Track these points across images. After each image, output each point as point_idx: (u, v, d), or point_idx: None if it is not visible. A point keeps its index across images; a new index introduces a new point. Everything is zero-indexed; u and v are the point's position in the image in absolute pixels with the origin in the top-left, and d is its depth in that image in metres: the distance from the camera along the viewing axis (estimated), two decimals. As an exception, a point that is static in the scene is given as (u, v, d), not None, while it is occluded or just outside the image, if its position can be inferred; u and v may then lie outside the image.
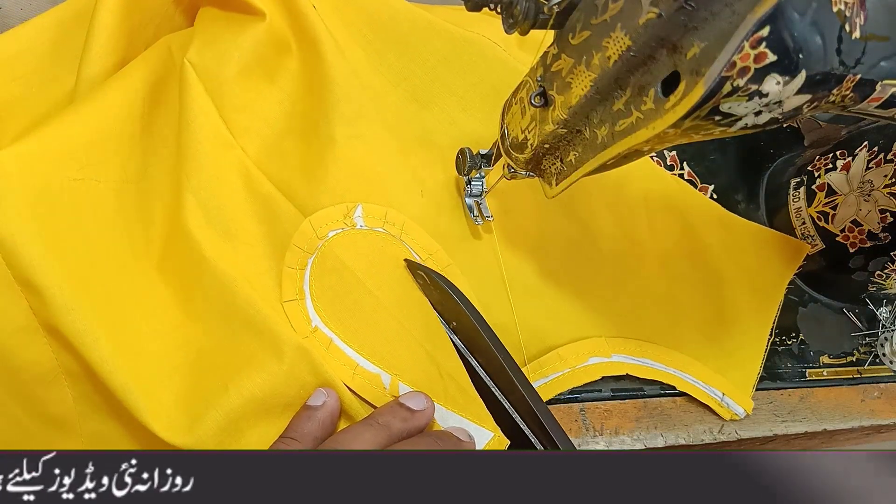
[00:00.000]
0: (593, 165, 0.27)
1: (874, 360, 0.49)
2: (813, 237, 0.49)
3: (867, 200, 0.45)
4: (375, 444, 0.27)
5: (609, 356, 0.40)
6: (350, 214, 0.36)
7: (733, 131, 0.22)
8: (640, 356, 0.41)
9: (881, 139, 0.45)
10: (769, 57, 0.19)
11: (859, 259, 0.46)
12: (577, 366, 0.39)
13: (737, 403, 0.42)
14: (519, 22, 0.25)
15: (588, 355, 0.39)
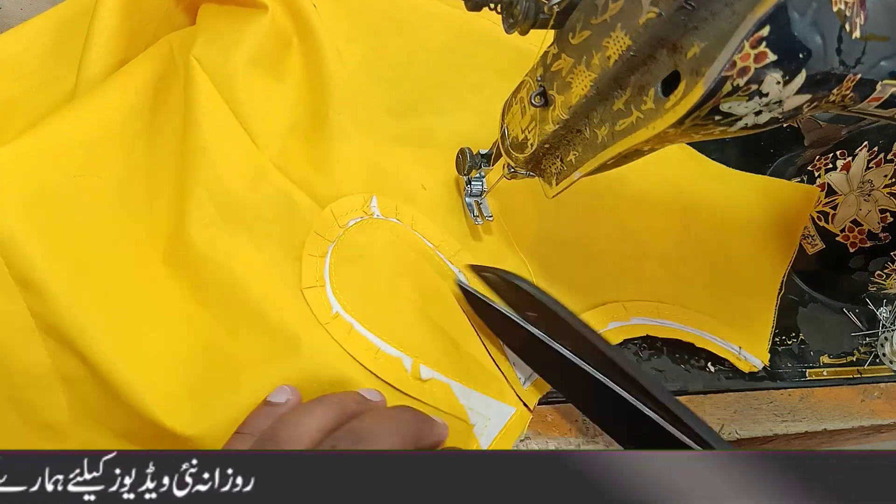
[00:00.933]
0: (593, 165, 0.27)
1: (874, 360, 0.49)
2: (813, 237, 0.49)
3: (867, 200, 0.45)
4: (326, 417, 0.26)
5: (628, 319, 0.41)
6: (367, 204, 0.37)
7: (733, 131, 0.22)
8: (658, 317, 0.42)
9: (881, 139, 0.45)
10: (769, 57, 0.19)
11: (859, 259, 0.46)
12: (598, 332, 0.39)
13: (753, 356, 0.43)
14: (519, 22, 0.25)
15: (608, 320, 0.40)
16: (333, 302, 0.33)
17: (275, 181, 0.35)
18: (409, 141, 0.41)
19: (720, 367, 0.44)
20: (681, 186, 0.48)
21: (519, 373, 0.36)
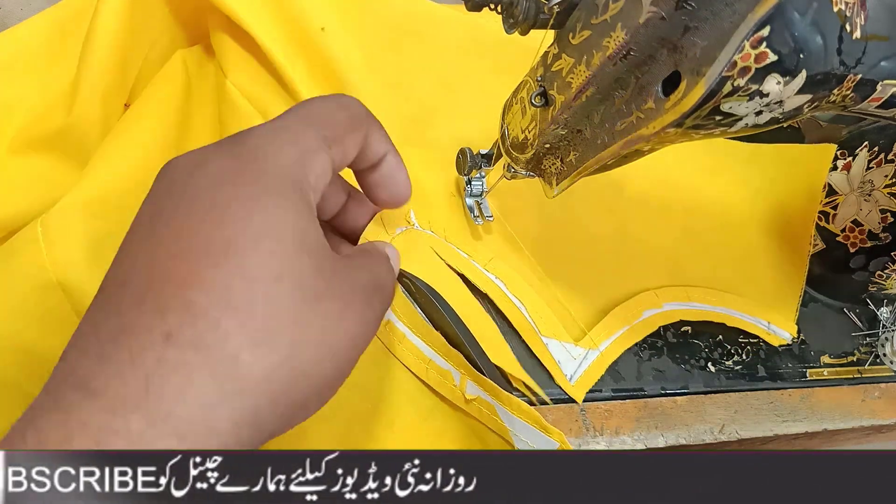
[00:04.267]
0: (594, 165, 0.27)
1: (875, 360, 0.49)
2: (813, 237, 0.49)
3: (868, 200, 0.45)
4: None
5: (661, 306, 0.42)
6: (408, 214, 0.37)
7: (734, 131, 0.22)
8: (688, 300, 0.43)
9: (882, 139, 0.45)
10: (770, 57, 0.19)
11: (860, 259, 0.46)
12: (633, 322, 0.40)
13: (782, 329, 0.44)
14: (519, 22, 0.25)
15: (642, 309, 0.41)
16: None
17: None
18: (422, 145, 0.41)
19: (720, 366, 0.44)
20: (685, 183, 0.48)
21: (565, 370, 0.37)
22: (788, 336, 0.44)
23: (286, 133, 0.21)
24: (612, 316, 0.40)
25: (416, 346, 0.33)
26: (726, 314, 0.43)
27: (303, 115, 0.22)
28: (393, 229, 0.34)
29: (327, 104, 0.23)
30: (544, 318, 0.37)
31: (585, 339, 0.39)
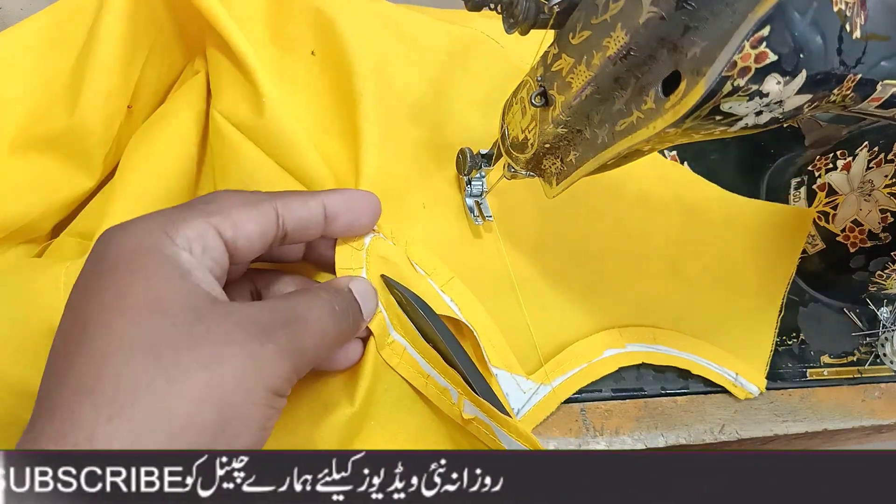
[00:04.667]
0: (594, 165, 0.27)
1: (875, 360, 0.49)
2: (813, 237, 0.49)
3: (868, 200, 0.45)
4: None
5: (623, 346, 0.40)
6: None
7: (734, 131, 0.22)
8: (654, 343, 0.41)
9: (882, 139, 0.45)
10: (770, 57, 0.19)
11: (860, 259, 0.46)
12: (593, 360, 0.39)
13: (750, 382, 0.42)
14: (519, 22, 0.25)
15: (603, 348, 0.40)
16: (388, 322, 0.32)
17: None
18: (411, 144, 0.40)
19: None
20: (681, 189, 0.48)
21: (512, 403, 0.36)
22: (756, 390, 0.42)
23: (159, 213, 0.23)
24: (569, 352, 0.39)
25: (415, 360, 0.32)
26: (692, 361, 0.42)
27: (187, 202, 0.24)
28: (360, 241, 0.32)
29: (218, 193, 0.25)
30: (496, 346, 0.36)
31: (539, 372, 0.37)
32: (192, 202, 0.24)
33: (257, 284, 0.29)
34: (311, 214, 0.26)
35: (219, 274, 0.23)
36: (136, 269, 0.21)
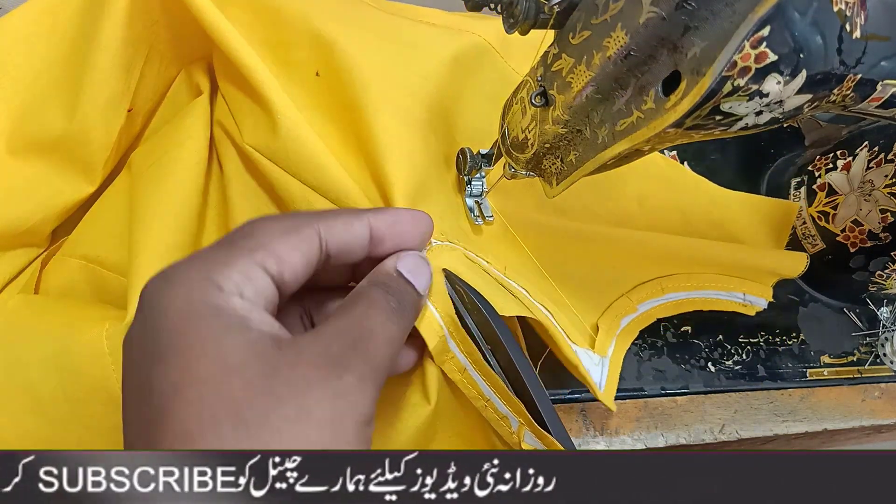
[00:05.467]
0: (594, 165, 0.27)
1: (875, 360, 0.49)
2: (813, 237, 0.49)
3: (868, 200, 0.45)
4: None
5: (635, 309, 0.41)
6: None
7: (734, 131, 0.22)
8: (662, 294, 0.42)
9: (882, 139, 0.45)
10: (770, 56, 0.19)
11: (860, 259, 0.46)
12: (615, 334, 0.39)
13: (758, 297, 0.44)
14: (519, 21, 0.25)
15: (619, 319, 0.40)
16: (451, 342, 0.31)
17: None
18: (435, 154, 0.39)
19: (720, 366, 0.44)
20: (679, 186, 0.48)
21: (594, 377, 0.36)
22: (764, 303, 0.44)
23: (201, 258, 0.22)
24: (604, 319, 0.40)
25: (476, 381, 0.31)
26: (700, 298, 0.42)
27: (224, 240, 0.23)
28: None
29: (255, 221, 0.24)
30: (570, 324, 0.36)
31: (596, 344, 0.38)
32: (231, 238, 0.23)
33: (306, 304, 0.28)
34: (355, 237, 0.25)
35: (271, 310, 0.22)
36: (193, 329, 0.20)
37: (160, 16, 0.35)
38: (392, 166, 0.33)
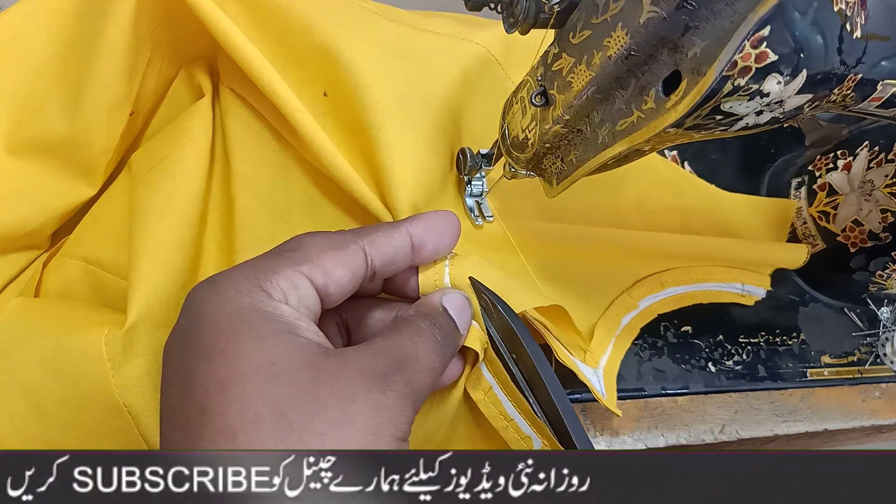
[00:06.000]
0: (594, 165, 0.27)
1: (875, 360, 0.49)
2: (814, 237, 0.49)
3: (868, 200, 0.45)
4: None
5: (636, 306, 0.41)
6: None
7: (734, 131, 0.22)
8: (662, 288, 0.43)
9: (882, 139, 0.45)
10: (770, 56, 0.19)
11: (860, 259, 0.46)
12: (616, 333, 0.40)
13: (757, 287, 0.45)
14: (519, 21, 0.25)
15: (620, 317, 0.40)
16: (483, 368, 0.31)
17: None
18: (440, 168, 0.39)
19: (721, 366, 0.44)
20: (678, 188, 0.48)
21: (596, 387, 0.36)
22: (763, 292, 0.45)
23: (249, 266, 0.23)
24: (599, 327, 0.39)
25: (500, 401, 0.31)
26: (700, 291, 0.43)
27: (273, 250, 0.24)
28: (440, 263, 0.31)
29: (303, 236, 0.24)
30: (565, 336, 0.36)
31: (587, 356, 0.37)
32: (278, 250, 0.24)
33: (343, 316, 0.28)
34: (397, 248, 0.26)
35: (314, 321, 0.23)
36: (241, 331, 0.20)
37: (163, 17, 0.35)
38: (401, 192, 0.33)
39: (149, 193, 0.33)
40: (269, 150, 0.37)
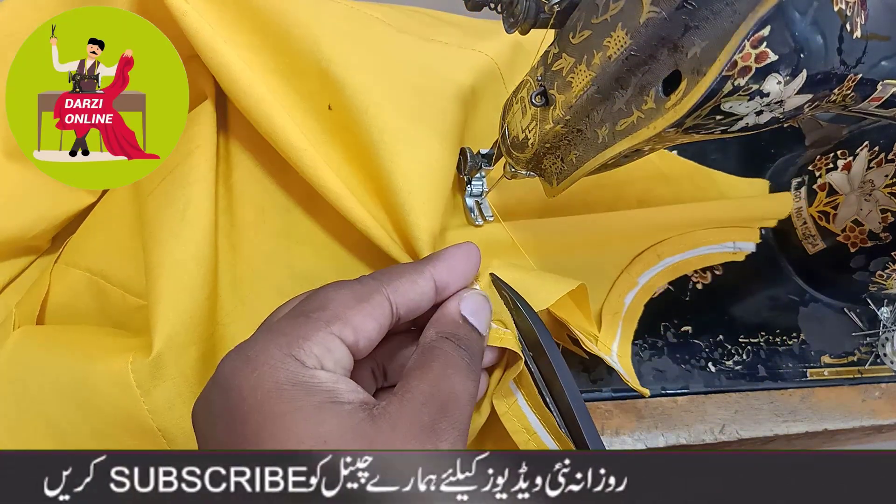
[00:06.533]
0: (594, 165, 0.27)
1: (875, 360, 0.49)
2: (814, 237, 0.49)
3: (868, 200, 0.45)
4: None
5: (636, 283, 0.42)
6: None
7: (734, 131, 0.22)
8: (659, 261, 0.44)
9: (882, 139, 0.45)
10: (770, 56, 0.19)
11: (860, 259, 0.46)
12: (621, 314, 0.41)
13: (746, 241, 0.47)
14: (519, 21, 0.25)
15: (622, 297, 0.41)
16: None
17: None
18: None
19: (721, 366, 0.44)
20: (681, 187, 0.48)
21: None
22: (752, 246, 0.46)
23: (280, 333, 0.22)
24: (605, 313, 0.40)
25: (524, 414, 0.30)
26: (696, 256, 0.44)
27: (298, 311, 0.23)
28: None
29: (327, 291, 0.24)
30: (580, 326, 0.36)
31: (599, 344, 0.38)
32: (305, 310, 0.23)
33: (377, 358, 0.28)
34: (422, 295, 0.26)
35: (349, 376, 0.23)
36: (287, 413, 0.20)
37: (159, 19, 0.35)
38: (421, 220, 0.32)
39: (160, 209, 0.32)
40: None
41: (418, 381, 0.23)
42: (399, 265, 0.27)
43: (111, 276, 0.34)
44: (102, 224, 0.37)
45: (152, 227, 0.32)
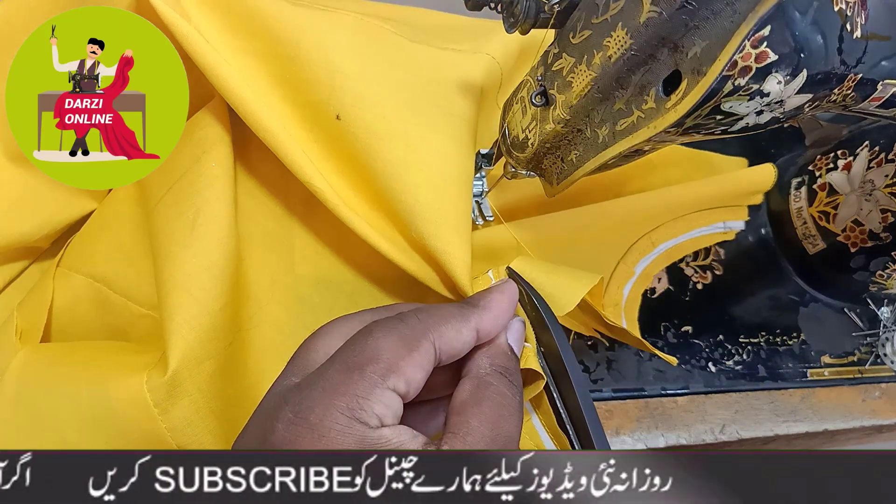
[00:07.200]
0: (594, 165, 0.27)
1: (875, 360, 0.49)
2: (814, 237, 0.49)
3: (868, 200, 0.45)
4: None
5: (633, 273, 0.43)
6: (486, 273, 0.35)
7: (734, 131, 0.22)
8: (653, 248, 0.45)
9: (882, 139, 0.45)
10: (770, 56, 0.19)
11: (860, 259, 0.46)
12: (622, 304, 0.41)
13: (735, 220, 0.49)
14: (520, 21, 0.25)
15: (622, 287, 0.42)
16: None
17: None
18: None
19: (721, 366, 0.44)
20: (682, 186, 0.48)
21: None
22: (742, 224, 0.48)
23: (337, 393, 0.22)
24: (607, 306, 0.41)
25: (537, 432, 0.30)
26: (689, 240, 0.46)
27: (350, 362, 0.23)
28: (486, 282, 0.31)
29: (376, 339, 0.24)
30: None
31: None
32: (359, 363, 0.23)
33: None
34: (465, 344, 0.26)
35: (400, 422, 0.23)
36: None
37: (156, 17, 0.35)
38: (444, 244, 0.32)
39: (169, 220, 0.31)
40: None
41: (477, 423, 0.23)
42: (443, 307, 0.27)
43: (113, 282, 0.34)
44: (104, 228, 0.36)
45: (161, 239, 0.31)
